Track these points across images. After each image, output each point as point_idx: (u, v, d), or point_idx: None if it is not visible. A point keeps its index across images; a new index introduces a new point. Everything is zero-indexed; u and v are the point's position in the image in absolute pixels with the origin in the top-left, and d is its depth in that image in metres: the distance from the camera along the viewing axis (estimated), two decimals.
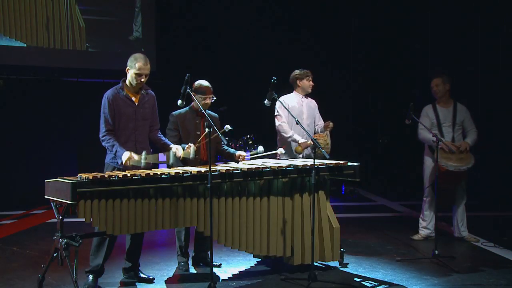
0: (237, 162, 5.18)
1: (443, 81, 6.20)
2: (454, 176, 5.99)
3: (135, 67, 4.56)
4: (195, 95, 5.01)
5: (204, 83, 5.13)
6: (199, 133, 5.12)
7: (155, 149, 4.96)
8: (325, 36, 10.88)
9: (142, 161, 4.45)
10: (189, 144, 4.85)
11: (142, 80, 4.61)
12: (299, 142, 5.72)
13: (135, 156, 4.43)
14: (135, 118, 4.66)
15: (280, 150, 5.53)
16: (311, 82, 5.99)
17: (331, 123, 5.89)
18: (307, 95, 6.08)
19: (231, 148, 5.59)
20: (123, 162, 4.40)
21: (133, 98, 4.68)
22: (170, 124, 5.12)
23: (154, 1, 10.07)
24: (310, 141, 5.70)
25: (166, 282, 4.83)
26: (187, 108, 5.15)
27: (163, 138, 4.88)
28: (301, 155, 5.80)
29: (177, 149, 4.73)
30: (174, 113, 5.13)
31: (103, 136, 4.57)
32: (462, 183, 6.17)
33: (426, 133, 6.11)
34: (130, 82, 4.64)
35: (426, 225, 6.33)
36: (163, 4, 10.19)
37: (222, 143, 5.21)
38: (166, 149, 4.80)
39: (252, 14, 10.38)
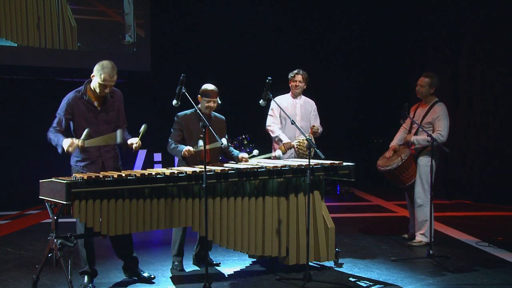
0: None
1: (429, 83, 5.98)
2: (387, 175, 6.05)
3: (100, 77, 4.38)
4: (201, 98, 5.07)
5: (210, 86, 5.13)
6: (202, 135, 5.10)
7: (126, 149, 4.80)
8: (321, 36, 10.88)
9: (80, 142, 4.23)
10: (188, 148, 4.87)
11: (106, 91, 4.44)
12: (283, 142, 5.76)
13: (76, 141, 4.22)
14: (96, 123, 4.50)
15: (278, 153, 5.51)
16: (296, 84, 5.98)
17: (315, 126, 5.87)
18: (305, 96, 6.10)
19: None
20: (65, 149, 4.20)
21: (96, 103, 4.51)
22: (175, 124, 5.14)
23: (149, 1, 10.05)
24: (293, 143, 5.73)
25: (161, 282, 4.83)
26: (192, 110, 5.13)
27: (127, 134, 4.67)
28: (285, 156, 5.81)
29: (137, 144, 4.53)
30: (179, 114, 5.14)
31: (49, 131, 4.40)
32: (409, 183, 6.04)
33: (398, 133, 6.31)
34: (94, 88, 4.48)
35: (411, 224, 6.37)
36: (158, 4, 10.17)
37: (222, 145, 5.22)
38: (127, 145, 4.60)
39: (249, 14, 10.37)
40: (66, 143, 4.21)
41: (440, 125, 5.90)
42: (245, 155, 5.26)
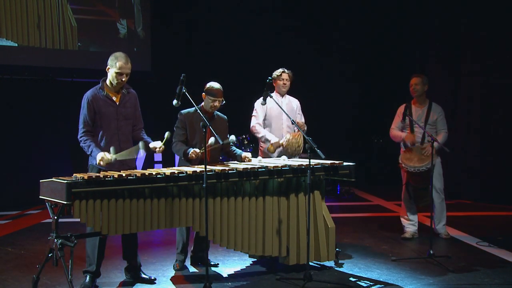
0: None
1: (422, 81, 6.27)
2: (417, 176, 6.06)
3: (115, 66, 4.50)
4: (205, 96, 5.04)
5: (216, 85, 5.09)
6: (204, 132, 5.08)
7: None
8: (320, 36, 10.88)
9: (112, 157, 4.35)
10: (194, 149, 4.85)
11: (123, 79, 4.55)
12: (271, 142, 5.70)
13: (108, 156, 4.34)
14: (116, 118, 4.59)
15: (259, 159, 5.47)
16: (284, 82, 5.91)
17: (300, 122, 5.82)
18: (289, 94, 6.06)
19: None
20: (97, 162, 4.36)
21: (114, 98, 4.61)
22: (177, 122, 5.11)
23: (149, 1, 10.04)
24: (281, 141, 5.65)
25: (161, 282, 4.83)
26: (195, 108, 5.13)
27: (146, 136, 4.80)
28: (274, 155, 5.77)
29: (160, 148, 4.63)
30: (182, 111, 5.12)
31: (80, 137, 4.53)
32: (433, 182, 6.12)
33: (395, 131, 6.37)
34: (110, 82, 4.58)
35: (409, 222, 6.40)
36: (158, 3, 10.17)
37: (220, 143, 5.21)
38: (149, 149, 4.72)
39: (248, 13, 10.37)
40: (98, 157, 4.33)
41: (444, 124, 6.30)
42: (249, 154, 5.24)
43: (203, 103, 5.14)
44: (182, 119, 5.09)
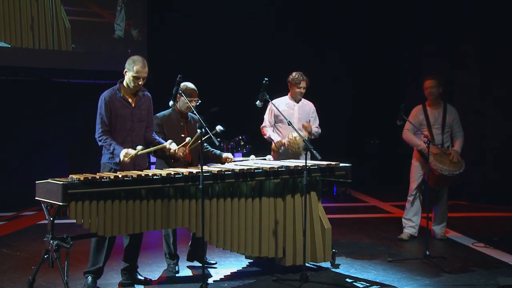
0: (223, 164, 5.17)
1: (438, 83, 6.24)
2: (448, 180, 6.08)
3: (133, 70, 4.55)
4: (180, 97, 5.00)
5: (190, 85, 5.10)
6: (183, 135, 5.09)
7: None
8: (318, 38, 10.89)
9: (138, 149, 4.42)
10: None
11: (140, 83, 4.61)
12: (275, 141, 5.77)
13: (132, 152, 4.41)
14: (131, 119, 4.65)
15: (269, 157, 5.51)
16: (301, 90, 5.94)
17: (305, 124, 5.88)
18: (304, 98, 6.06)
19: (218, 149, 5.54)
20: (121, 159, 4.39)
21: (130, 100, 4.68)
22: (154, 126, 5.07)
23: (146, 2, 10.02)
24: (284, 140, 5.71)
25: (158, 283, 4.82)
26: (170, 110, 5.13)
27: (157, 137, 4.88)
28: (280, 155, 5.80)
29: (170, 145, 4.70)
30: (158, 115, 5.10)
31: (99, 136, 4.57)
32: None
33: (411, 135, 6.29)
34: (127, 84, 4.64)
35: (411, 224, 6.39)
36: (154, 4, 10.16)
37: (206, 146, 5.21)
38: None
39: (245, 14, 10.36)
40: (122, 153, 4.39)
41: (460, 127, 6.32)
42: (229, 155, 5.25)
43: (177, 104, 5.10)
44: (159, 122, 5.07)
